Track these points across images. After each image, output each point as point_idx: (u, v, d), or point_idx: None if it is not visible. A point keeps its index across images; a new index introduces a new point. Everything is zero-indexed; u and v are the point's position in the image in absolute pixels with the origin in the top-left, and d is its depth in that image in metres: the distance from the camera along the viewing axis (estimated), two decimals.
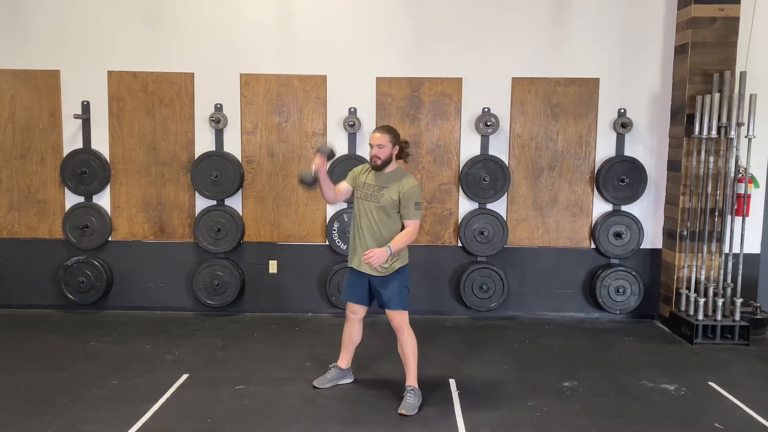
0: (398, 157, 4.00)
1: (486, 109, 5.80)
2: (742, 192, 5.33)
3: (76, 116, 5.73)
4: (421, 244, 5.90)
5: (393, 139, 3.94)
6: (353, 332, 4.24)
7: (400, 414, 3.82)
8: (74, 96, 5.80)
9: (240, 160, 5.85)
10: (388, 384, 4.28)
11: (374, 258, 3.77)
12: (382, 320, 5.44)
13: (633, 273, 5.80)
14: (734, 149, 5.24)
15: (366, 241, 3.96)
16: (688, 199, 5.51)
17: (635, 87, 5.78)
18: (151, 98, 5.81)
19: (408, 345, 4.00)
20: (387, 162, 3.94)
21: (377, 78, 5.79)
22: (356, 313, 4.18)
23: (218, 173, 5.76)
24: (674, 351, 5.11)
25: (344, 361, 4.30)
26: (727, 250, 5.37)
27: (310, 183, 3.87)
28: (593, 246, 5.91)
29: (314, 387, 4.22)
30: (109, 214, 5.89)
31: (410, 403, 3.89)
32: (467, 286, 5.84)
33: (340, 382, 4.28)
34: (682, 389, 4.29)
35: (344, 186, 4.13)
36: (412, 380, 4.01)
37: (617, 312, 5.87)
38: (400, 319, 3.99)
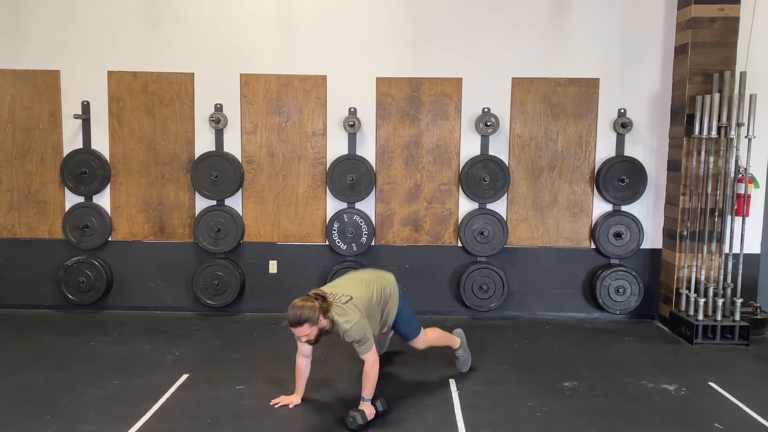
0: (324, 312, 3.66)
1: (486, 109, 5.80)
2: (742, 192, 5.33)
3: (76, 116, 5.73)
4: (421, 244, 5.90)
5: (314, 321, 3.61)
6: None
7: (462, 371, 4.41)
8: (74, 96, 5.80)
9: (240, 160, 5.85)
10: (387, 384, 4.28)
11: (367, 415, 3.66)
12: None
13: (633, 273, 5.80)
14: (734, 149, 5.24)
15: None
16: (688, 199, 5.51)
17: (635, 87, 5.78)
18: (151, 98, 5.81)
19: (436, 340, 4.38)
20: (321, 334, 3.71)
21: (377, 78, 5.79)
22: None
23: (218, 173, 5.76)
24: (674, 351, 5.11)
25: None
26: (727, 250, 5.36)
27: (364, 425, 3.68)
28: (593, 246, 5.91)
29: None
30: (109, 214, 5.89)
31: (463, 359, 4.46)
32: (467, 286, 5.84)
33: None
34: (682, 389, 4.29)
35: (305, 349, 3.93)
36: (455, 345, 4.44)
37: (617, 312, 5.87)
38: (423, 342, 4.28)
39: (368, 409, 3.68)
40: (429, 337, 4.30)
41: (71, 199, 5.89)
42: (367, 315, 3.80)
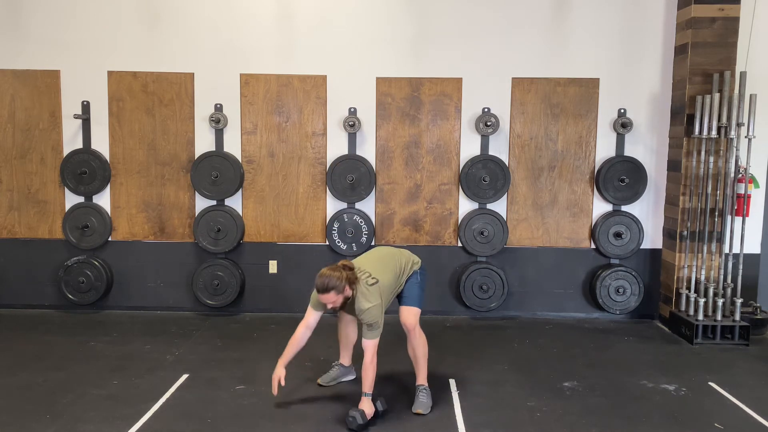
0: (350, 282, 3.74)
1: (486, 109, 5.80)
2: (742, 192, 5.33)
3: (76, 116, 5.73)
4: (421, 244, 5.90)
5: (341, 289, 3.70)
6: (349, 331, 4.28)
7: (417, 413, 3.83)
8: (74, 96, 5.80)
9: (240, 160, 5.85)
10: (388, 384, 4.28)
11: (367, 414, 3.67)
12: None
13: (633, 273, 5.80)
14: (734, 149, 5.24)
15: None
16: (688, 199, 5.51)
17: (635, 87, 5.78)
18: (151, 98, 5.81)
19: (419, 348, 4.00)
20: (346, 302, 3.80)
21: (377, 78, 5.79)
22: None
23: (218, 173, 5.76)
24: (674, 351, 5.11)
25: (345, 358, 4.33)
26: (727, 250, 5.37)
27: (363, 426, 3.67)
28: (593, 246, 5.91)
29: (319, 384, 4.23)
30: (109, 214, 5.89)
31: (424, 401, 3.91)
32: (467, 286, 5.84)
33: (343, 379, 4.31)
34: (682, 389, 4.29)
35: (312, 318, 3.96)
36: (422, 379, 4.03)
37: (617, 312, 5.87)
38: (413, 317, 3.97)
39: (368, 408, 3.69)
40: (421, 335, 4.00)
41: (71, 199, 5.89)
42: (386, 300, 3.85)
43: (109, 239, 5.92)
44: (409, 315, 3.98)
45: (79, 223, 5.82)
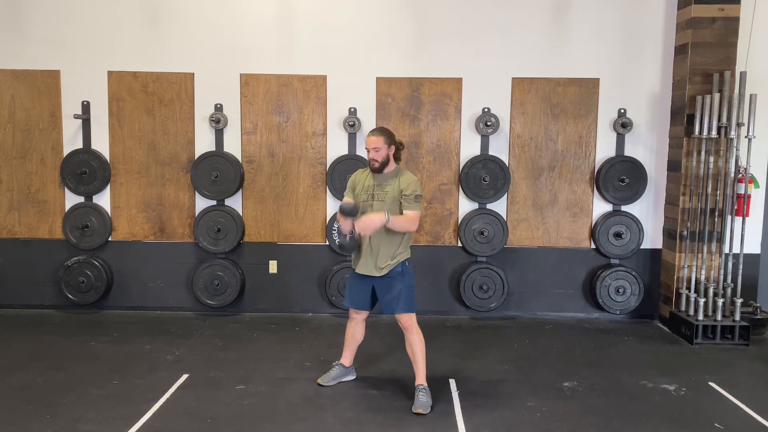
0: (394, 157, 4.04)
1: (486, 109, 5.80)
2: (742, 192, 5.33)
3: (76, 116, 5.73)
4: (421, 244, 5.90)
5: (388, 140, 3.98)
6: (356, 331, 4.28)
7: (417, 413, 3.83)
8: (74, 96, 5.80)
9: (240, 160, 5.85)
10: (388, 384, 4.28)
11: (368, 224, 3.79)
12: (383, 320, 5.45)
13: (633, 273, 5.80)
14: (734, 149, 5.24)
15: (372, 243, 3.99)
16: (688, 199, 5.51)
17: (635, 87, 5.78)
18: (151, 98, 5.81)
19: (417, 344, 4.03)
20: (385, 163, 3.99)
21: (377, 78, 5.79)
22: (360, 314, 4.21)
23: (218, 173, 5.76)
24: (674, 351, 5.11)
25: (347, 358, 4.34)
26: (727, 250, 5.37)
27: (352, 213, 3.91)
28: (593, 246, 5.91)
29: (318, 384, 4.24)
30: (109, 214, 5.89)
31: (424, 401, 3.91)
32: (467, 286, 5.84)
33: (343, 379, 4.32)
34: (682, 389, 4.29)
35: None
36: (421, 379, 4.03)
37: (617, 312, 5.88)
38: (408, 320, 4.01)
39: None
40: (417, 332, 4.04)
41: (71, 199, 5.88)
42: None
43: (109, 239, 5.92)
44: (402, 318, 4.02)
45: (79, 223, 5.82)
